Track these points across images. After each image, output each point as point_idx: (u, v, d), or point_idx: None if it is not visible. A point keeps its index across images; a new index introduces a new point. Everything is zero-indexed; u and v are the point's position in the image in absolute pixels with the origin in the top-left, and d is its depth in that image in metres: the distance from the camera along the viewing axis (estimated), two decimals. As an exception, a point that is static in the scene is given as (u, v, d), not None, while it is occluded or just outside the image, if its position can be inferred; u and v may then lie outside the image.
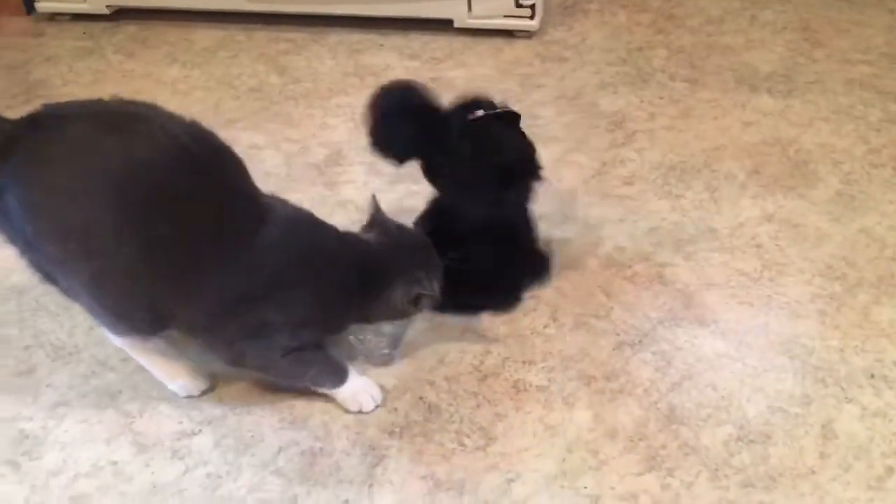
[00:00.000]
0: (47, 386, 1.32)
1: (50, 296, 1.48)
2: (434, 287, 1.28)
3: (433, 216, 1.46)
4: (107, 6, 2.34)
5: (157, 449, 1.23)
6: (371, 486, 1.17)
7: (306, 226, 1.26)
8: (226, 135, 1.91)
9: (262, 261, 1.16)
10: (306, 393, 1.30)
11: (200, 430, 1.25)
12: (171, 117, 1.15)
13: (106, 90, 2.09)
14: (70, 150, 1.08)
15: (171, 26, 2.36)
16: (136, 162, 1.08)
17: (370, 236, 1.31)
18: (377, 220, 1.33)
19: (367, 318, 1.33)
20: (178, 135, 1.12)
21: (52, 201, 1.08)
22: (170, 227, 1.10)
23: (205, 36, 2.32)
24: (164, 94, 2.07)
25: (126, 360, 1.36)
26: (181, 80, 2.13)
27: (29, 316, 1.45)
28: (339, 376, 1.28)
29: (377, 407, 1.28)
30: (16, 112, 2.03)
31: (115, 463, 1.21)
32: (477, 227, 1.39)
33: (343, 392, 1.27)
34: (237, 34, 2.34)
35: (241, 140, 1.90)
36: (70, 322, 1.44)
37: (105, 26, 2.37)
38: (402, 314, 1.33)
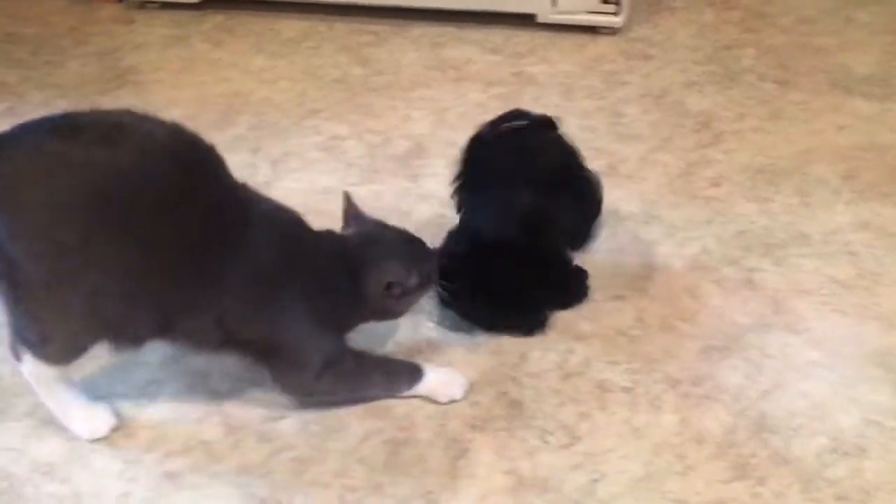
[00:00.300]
0: (138, 365, 1.36)
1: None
2: (412, 279, 1.24)
3: (457, 236, 1.42)
4: (197, -5, 2.40)
5: (246, 431, 1.25)
6: (455, 478, 1.18)
7: (286, 224, 1.24)
8: (310, 124, 1.97)
9: (253, 262, 1.16)
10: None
11: (286, 416, 1.27)
12: (151, 122, 1.15)
13: (194, 79, 2.13)
14: (53, 165, 1.06)
15: (257, 16, 2.40)
16: (122, 171, 1.07)
17: (347, 232, 1.29)
18: (352, 216, 1.31)
19: (363, 317, 1.29)
20: (161, 139, 1.13)
21: (42, 220, 1.06)
22: (162, 231, 1.09)
23: (289, 26, 2.36)
24: (250, 83, 2.10)
25: (215, 342, 1.39)
26: (267, 70, 2.16)
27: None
28: (412, 375, 1.28)
29: (467, 394, 1.28)
30: (109, 97, 2.09)
31: (205, 442, 1.23)
32: (498, 245, 1.33)
33: (425, 388, 1.28)
34: (320, 25, 2.36)
35: (325, 130, 1.92)
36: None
37: (193, 15, 2.42)
38: (384, 309, 1.27)
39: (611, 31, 2.25)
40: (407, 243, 1.28)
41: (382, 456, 1.21)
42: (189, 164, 1.13)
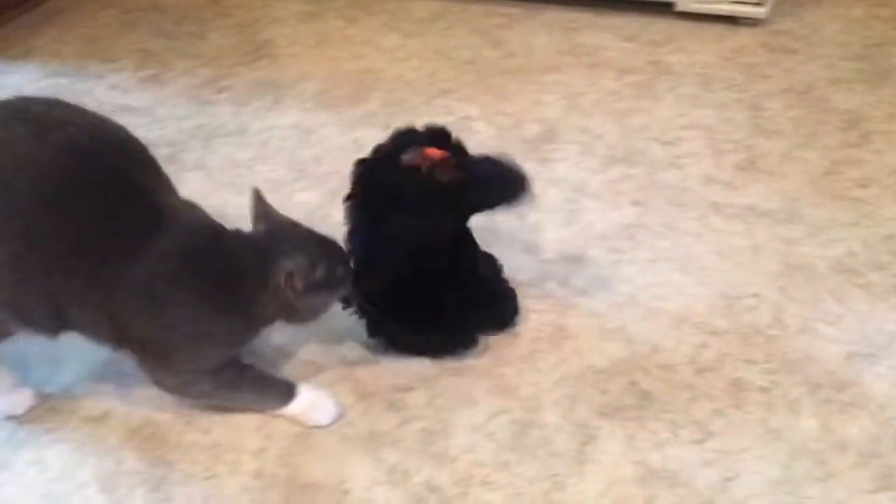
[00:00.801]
0: (272, 329, 1.40)
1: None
2: (317, 273, 1.16)
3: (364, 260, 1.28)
4: (332, -27, 2.44)
5: (374, 399, 1.27)
6: (582, 463, 1.17)
7: (195, 229, 1.19)
8: (441, 104, 1.98)
9: (151, 267, 1.11)
10: (514, 363, 1.32)
11: (415, 387, 1.29)
12: (74, 115, 1.15)
13: (328, 54, 2.18)
14: None
15: (390, -5, 2.43)
16: (19, 157, 1.07)
17: (257, 230, 1.24)
18: (262, 214, 1.25)
19: (272, 315, 1.21)
20: (73, 132, 1.11)
21: None
22: (54, 222, 1.08)
23: (422, 6, 2.37)
24: (382, 61, 2.13)
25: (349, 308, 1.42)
26: (399, 48, 2.18)
27: (259, 260, 1.54)
28: (283, 395, 1.24)
29: (336, 420, 1.24)
30: (246, 69, 2.15)
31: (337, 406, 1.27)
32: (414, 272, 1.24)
33: (294, 409, 1.24)
34: (453, 6, 2.37)
35: (456, 110, 1.93)
36: (295, 269, 1.51)
37: (329, -8, 2.47)
38: (290, 304, 1.18)
39: (753, 22, 2.17)
40: (317, 241, 1.22)
41: (509, 435, 1.21)
42: (96, 158, 1.12)
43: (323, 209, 1.65)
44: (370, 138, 1.84)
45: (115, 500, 1.15)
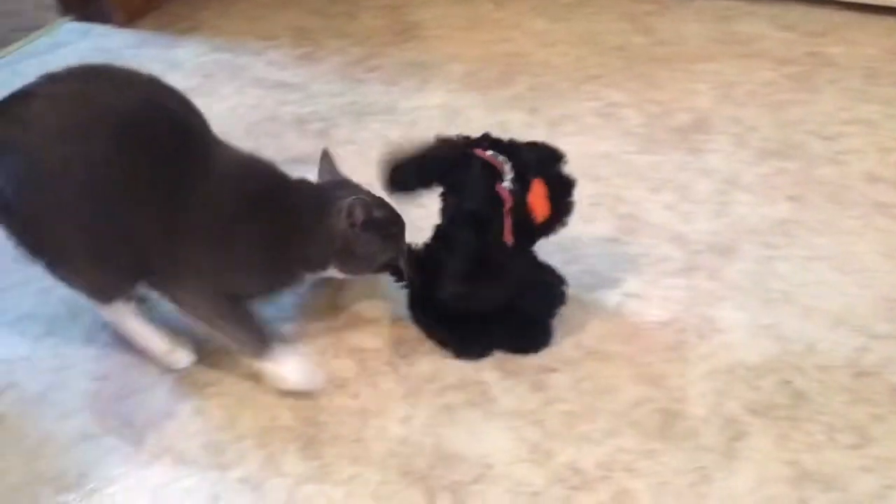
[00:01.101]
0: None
1: (424, 219, 1.60)
2: (374, 214, 1.26)
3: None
4: (482, -44, 2.45)
5: (519, 378, 1.29)
6: (730, 458, 1.14)
7: (256, 171, 1.29)
8: (588, 89, 1.96)
9: (211, 200, 1.21)
10: (660, 352, 1.30)
11: (559, 369, 1.29)
12: (137, 74, 1.23)
13: (476, 37, 2.20)
14: (43, 105, 1.15)
15: (539, -21, 2.43)
16: (104, 108, 1.16)
17: (321, 181, 1.36)
18: (327, 171, 1.38)
19: (327, 256, 1.28)
20: (142, 87, 1.22)
21: (30, 155, 1.15)
22: (132, 165, 1.16)
23: (569, -9, 2.36)
24: (530, 45, 2.13)
25: (491, 289, 1.44)
26: (546, 33, 2.18)
27: (409, 234, 1.58)
28: (260, 347, 1.27)
29: (307, 387, 1.27)
30: (396, 49, 2.20)
31: (480, 382, 1.29)
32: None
33: (269, 367, 1.27)
34: (601, -8, 2.35)
35: (603, 96, 1.92)
36: (442, 246, 1.54)
37: (477, -25, 2.49)
38: (347, 246, 1.26)
39: (925, 13, 2.05)
40: (377, 197, 1.31)
41: (655, 424, 1.20)
42: (162, 108, 1.22)
43: (469, 189, 1.68)
44: (516, 121, 1.87)
45: (270, 453, 1.21)
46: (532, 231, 1.26)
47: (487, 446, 1.19)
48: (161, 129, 1.20)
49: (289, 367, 1.28)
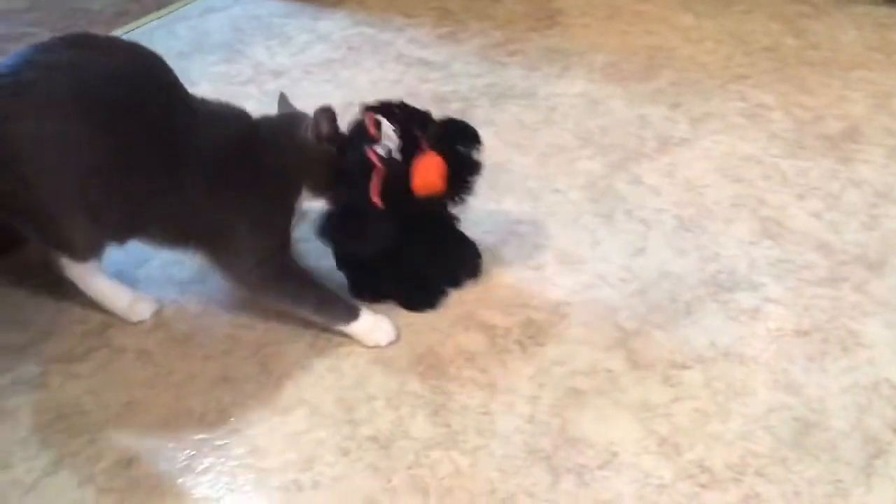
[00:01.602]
0: (553, 285, 1.45)
1: (558, 206, 1.61)
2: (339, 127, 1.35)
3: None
4: (631, -53, 2.42)
5: (650, 370, 1.28)
6: (869, 475, 1.11)
7: (230, 117, 1.37)
8: (734, 88, 1.92)
9: (207, 159, 1.30)
10: (800, 360, 1.27)
11: (692, 366, 1.28)
12: (113, 39, 1.36)
13: (618, 27, 2.18)
14: (38, 73, 1.22)
15: (688, -26, 2.38)
16: (95, 75, 1.24)
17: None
18: (284, 106, 1.47)
19: (300, 184, 1.36)
20: (128, 51, 1.32)
21: (27, 122, 1.21)
22: (129, 127, 1.25)
23: (719, -12, 2.31)
24: (675, 39, 2.10)
25: (626, 280, 1.43)
26: (693, 29, 2.14)
27: (542, 219, 1.59)
28: (348, 312, 1.34)
29: (392, 342, 1.35)
30: (538, 34, 2.19)
31: (609, 371, 1.29)
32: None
33: (358, 328, 1.34)
34: (753, -10, 2.29)
35: (750, 97, 1.87)
36: (575, 235, 1.54)
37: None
38: (316, 160, 1.35)
39: None
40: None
41: (789, 432, 1.17)
42: (153, 75, 1.31)
43: (605, 179, 1.67)
44: (657, 115, 1.85)
45: (399, 416, 1.24)
46: (410, 199, 1.31)
47: (614, 434, 1.19)
48: (150, 89, 1.29)
49: (375, 326, 1.36)
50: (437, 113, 1.89)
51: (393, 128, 1.34)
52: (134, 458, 1.20)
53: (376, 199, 1.29)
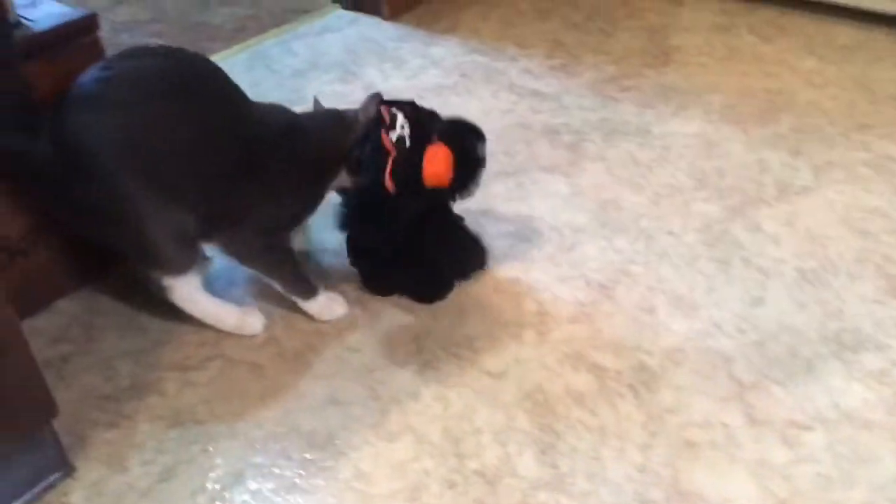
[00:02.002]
0: (666, 329, 1.42)
1: (673, 248, 1.58)
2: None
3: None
4: (752, -13, 2.38)
5: (768, 427, 1.24)
6: None
7: (278, 109, 1.48)
8: (858, 137, 1.86)
9: (256, 150, 1.38)
10: (929, 432, 1.21)
11: (813, 427, 1.23)
12: (180, 49, 1.39)
13: (737, 68, 2.13)
14: (122, 77, 1.30)
15: (810, 18, 2.31)
16: (162, 76, 1.31)
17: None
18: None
19: (337, 164, 1.46)
20: (188, 56, 1.38)
21: (112, 124, 1.27)
22: (200, 126, 1.32)
23: (844, 33, 2.24)
24: (796, 83, 2.04)
25: (743, 330, 1.39)
26: (815, 73, 2.08)
27: (654, 260, 1.56)
28: (308, 289, 1.46)
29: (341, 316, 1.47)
30: (653, 71, 2.17)
31: (725, 425, 1.25)
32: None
33: (313, 305, 1.46)
34: (880, 37, 2.21)
35: (875, 147, 1.80)
36: (691, 279, 1.51)
37: (743, 6, 2.41)
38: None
39: None
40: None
41: (918, 506, 1.12)
42: (211, 78, 1.39)
43: (722, 224, 1.63)
44: (777, 160, 1.80)
45: (507, 452, 1.23)
46: (420, 187, 1.37)
47: (729, 491, 1.16)
48: (216, 91, 1.38)
49: (327, 304, 1.47)
50: (549, 146, 1.90)
51: (404, 120, 1.41)
52: (244, 472, 1.22)
53: (389, 184, 1.36)
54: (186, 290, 1.40)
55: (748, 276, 1.50)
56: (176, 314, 1.43)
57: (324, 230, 1.61)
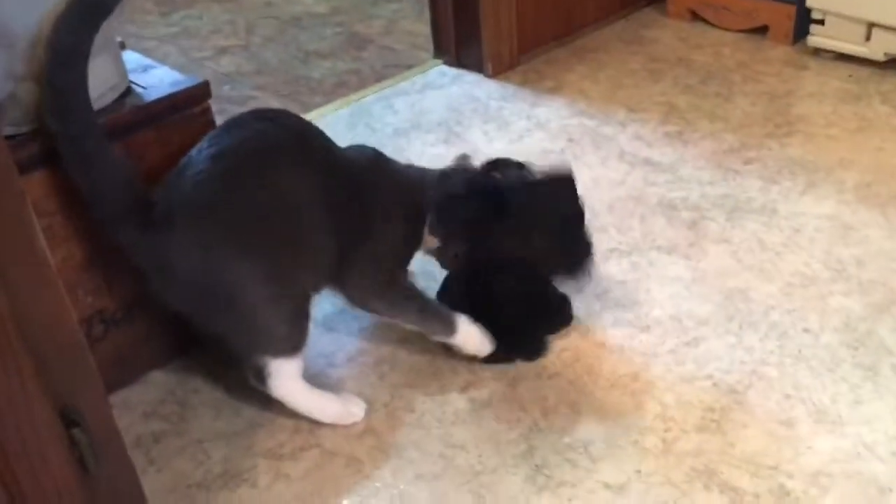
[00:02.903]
0: (808, 447, 1.27)
1: (810, 349, 1.43)
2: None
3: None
4: (885, 53, 2.21)
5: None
6: None
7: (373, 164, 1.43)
8: None
9: (369, 204, 1.36)
10: None
11: None
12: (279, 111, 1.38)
13: (871, 142, 1.97)
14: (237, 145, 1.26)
15: (950, 87, 2.14)
16: (273, 143, 1.28)
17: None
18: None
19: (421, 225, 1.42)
20: (293, 119, 1.36)
21: (226, 209, 1.23)
22: (304, 188, 1.28)
23: None
24: (939, 162, 1.88)
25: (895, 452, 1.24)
26: (961, 151, 1.91)
27: (790, 363, 1.42)
28: (448, 323, 1.40)
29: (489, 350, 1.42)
30: (776, 142, 2.02)
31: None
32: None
33: (458, 339, 1.41)
34: None
35: None
36: (833, 388, 1.36)
37: (873, 72, 2.25)
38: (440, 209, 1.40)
39: None
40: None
41: None
42: (314, 139, 1.36)
43: (866, 323, 1.47)
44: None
45: (630, 585, 1.10)
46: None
47: None
48: (317, 149, 1.34)
49: (472, 335, 1.42)
50: (666, 223, 1.77)
51: None
52: (341, 588, 1.13)
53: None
54: (290, 377, 1.31)
55: (900, 389, 1.35)
56: (267, 397, 1.35)
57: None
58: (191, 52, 2.80)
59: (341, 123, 2.24)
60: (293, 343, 1.30)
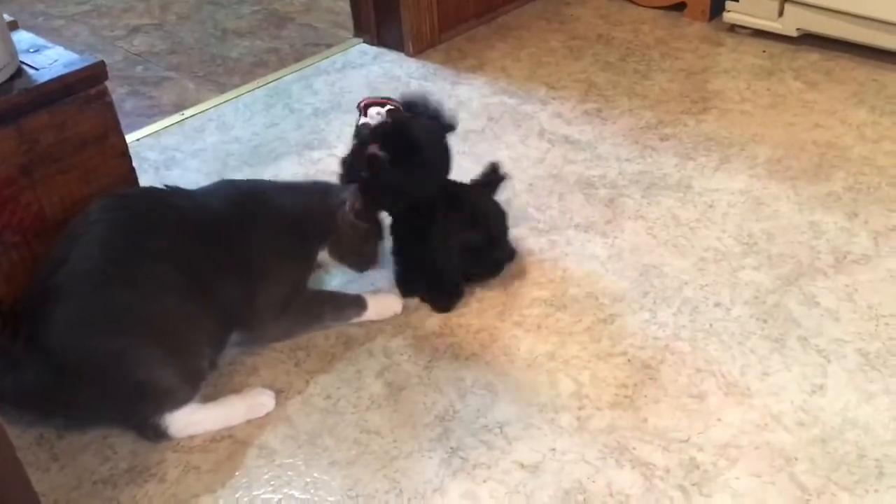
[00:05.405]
0: (718, 420, 1.29)
1: (721, 322, 1.46)
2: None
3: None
4: (797, 28, 2.25)
5: (837, 544, 1.11)
6: None
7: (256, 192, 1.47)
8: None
9: (260, 243, 1.38)
10: None
11: (888, 545, 1.10)
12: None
13: (783, 118, 2.01)
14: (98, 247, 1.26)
15: (859, 63, 2.19)
16: (131, 234, 1.28)
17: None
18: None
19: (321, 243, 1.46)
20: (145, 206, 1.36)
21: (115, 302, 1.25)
22: (202, 247, 1.32)
23: (896, 81, 2.12)
24: (848, 136, 1.92)
25: (803, 423, 1.26)
26: (869, 126, 1.95)
27: (702, 337, 1.44)
28: (358, 304, 1.47)
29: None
30: (693, 119, 2.04)
31: (788, 539, 1.12)
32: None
33: (371, 313, 1.48)
34: (935, 86, 2.08)
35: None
36: (742, 360, 1.38)
37: (786, 48, 2.28)
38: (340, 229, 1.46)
39: None
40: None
41: None
42: (164, 208, 1.36)
43: (775, 296, 1.50)
44: (831, 224, 1.67)
45: (543, 564, 1.10)
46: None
47: None
48: (179, 222, 1.34)
49: (380, 301, 1.50)
50: (584, 201, 1.77)
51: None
52: (251, 580, 1.10)
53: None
54: (188, 415, 1.29)
55: (806, 360, 1.37)
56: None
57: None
58: (102, 31, 2.69)
59: (259, 104, 2.18)
60: (188, 394, 1.29)
